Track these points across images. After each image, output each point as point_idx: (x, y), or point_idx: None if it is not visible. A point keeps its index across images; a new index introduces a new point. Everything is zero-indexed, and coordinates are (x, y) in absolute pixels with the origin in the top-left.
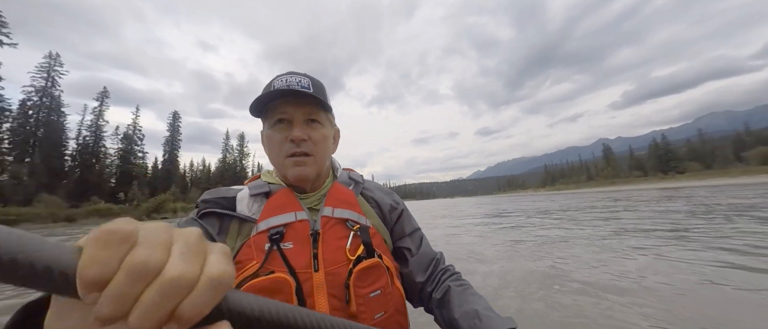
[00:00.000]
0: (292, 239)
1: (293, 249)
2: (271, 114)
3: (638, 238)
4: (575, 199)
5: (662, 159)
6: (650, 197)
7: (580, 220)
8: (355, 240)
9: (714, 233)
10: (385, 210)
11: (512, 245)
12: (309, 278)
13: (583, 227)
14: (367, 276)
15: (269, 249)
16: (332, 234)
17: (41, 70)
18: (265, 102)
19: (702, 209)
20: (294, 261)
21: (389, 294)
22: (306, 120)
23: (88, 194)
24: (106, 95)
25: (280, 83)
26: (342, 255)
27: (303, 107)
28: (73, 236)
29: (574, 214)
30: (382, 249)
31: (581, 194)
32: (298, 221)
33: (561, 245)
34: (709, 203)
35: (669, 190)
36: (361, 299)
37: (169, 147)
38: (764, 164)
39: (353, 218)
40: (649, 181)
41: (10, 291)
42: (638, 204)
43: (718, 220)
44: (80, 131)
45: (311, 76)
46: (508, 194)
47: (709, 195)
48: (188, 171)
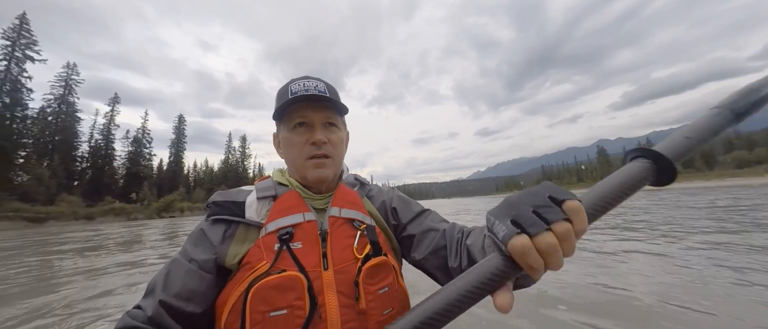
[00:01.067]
0: (301, 239)
1: (303, 248)
2: (291, 118)
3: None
4: None
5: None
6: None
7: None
8: (362, 240)
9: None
10: (388, 210)
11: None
12: (319, 276)
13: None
14: (375, 274)
15: (279, 248)
16: (340, 234)
17: (60, 80)
18: (286, 106)
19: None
20: (304, 260)
21: (396, 292)
22: (325, 124)
23: (100, 194)
24: (117, 101)
25: (297, 87)
26: (350, 254)
27: (322, 111)
28: (95, 233)
29: None
30: (386, 248)
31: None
32: (306, 221)
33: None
34: (662, 205)
35: (642, 191)
36: (370, 296)
37: (174, 149)
38: (740, 167)
39: (359, 218)
40: None
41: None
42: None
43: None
44: (92, 135)
45: (325, 81)
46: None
47: (669, 197)
48: (192, 172)
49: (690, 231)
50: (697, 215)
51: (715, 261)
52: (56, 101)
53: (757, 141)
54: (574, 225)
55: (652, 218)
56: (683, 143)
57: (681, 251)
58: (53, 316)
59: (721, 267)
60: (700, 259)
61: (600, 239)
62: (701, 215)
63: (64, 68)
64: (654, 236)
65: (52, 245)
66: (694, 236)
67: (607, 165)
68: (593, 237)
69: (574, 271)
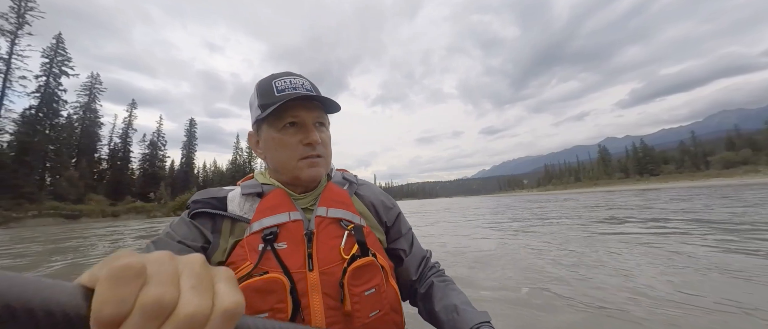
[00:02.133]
0: (286, 240)
1: (287, 249)
2: (281, 117)
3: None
4: (538, 199)
5: (641, 162)
6: (592, 200)
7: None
8: (349, 240)
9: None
10: (379, 210)
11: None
12: (303, 278)
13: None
14: (361, 275)
15: (263, 249)
16: (327, 234)
17: (85, 88)
18: (274, 104)
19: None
20: (288, 261)
21: (384, 293)
22: (315, 123)
23: (121, 193)
24: (134, 106)
25: (282, 84)
26: (336, 255)
27: (313, 110)
28: (118, 232)
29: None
30: (376, 248)
31: (557, 194)
32: (291, 221)
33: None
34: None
35: (611, 192)
36: (355, 297)
37: (186, 151)
38: (727, 167)
39: (347, 217)
40: (626, 183)
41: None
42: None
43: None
44: (111, 138)
45: (309, 79)
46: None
47: (644, 198)
48: (201, 171)
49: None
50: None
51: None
52: (81, 108)
53: (758, 142)
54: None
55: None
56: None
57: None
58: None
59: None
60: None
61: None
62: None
63: (89, 78)
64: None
65: (110, 236)
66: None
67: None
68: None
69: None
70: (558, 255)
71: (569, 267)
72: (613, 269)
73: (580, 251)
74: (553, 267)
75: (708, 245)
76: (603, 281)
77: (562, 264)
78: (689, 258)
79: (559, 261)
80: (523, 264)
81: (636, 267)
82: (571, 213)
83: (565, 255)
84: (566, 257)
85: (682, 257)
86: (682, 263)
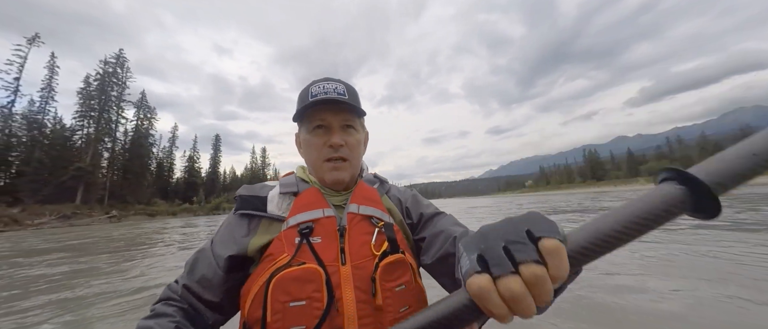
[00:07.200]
0: (320, 234)
1: (322, 243)
2: (311, 120)
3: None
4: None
5: (594, 169)
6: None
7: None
8: (379, 236)
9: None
10: (410, 208)
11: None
12: (337, 271)
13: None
14: (392, 271)
15: (299, 242)
16: (358, 230)
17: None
18: (306, 109)
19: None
20: (322, 254)
21: (413, 290)
22: (342, 126)
23: (169, 197)
24: (176, 130)
25: (317, 89)
26: (367, 250)
27: (340, 113)
28: (170, 228)
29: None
30: (404, 246)
31: (545, 195)
32: (325, 217)
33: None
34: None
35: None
36: (387, 292)
37: (212, 161)
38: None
39: (377, 215)
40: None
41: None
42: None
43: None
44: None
45: (346, 83)
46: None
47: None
48: (222, 177)
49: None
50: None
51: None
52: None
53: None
54: (549, 269)
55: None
56: (741, 163)
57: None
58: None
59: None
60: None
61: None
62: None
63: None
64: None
65: (200, 227)
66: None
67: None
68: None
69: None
70: None
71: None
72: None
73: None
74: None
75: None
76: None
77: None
78: (686, 255)
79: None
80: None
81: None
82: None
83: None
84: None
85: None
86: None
